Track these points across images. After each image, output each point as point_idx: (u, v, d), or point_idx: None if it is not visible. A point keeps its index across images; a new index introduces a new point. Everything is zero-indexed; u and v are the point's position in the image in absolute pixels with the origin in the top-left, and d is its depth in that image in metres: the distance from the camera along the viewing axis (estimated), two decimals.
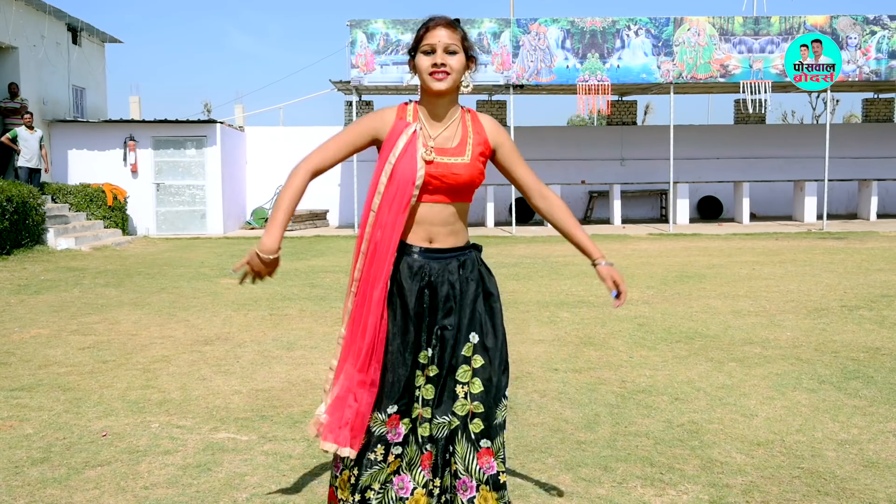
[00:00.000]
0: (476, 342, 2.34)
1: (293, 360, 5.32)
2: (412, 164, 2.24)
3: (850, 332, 6.01)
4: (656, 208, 20.96)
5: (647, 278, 9.14)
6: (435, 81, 2.24)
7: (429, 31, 2.24)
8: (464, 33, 2.30)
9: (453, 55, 2.24)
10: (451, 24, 2.26)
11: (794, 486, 3.13)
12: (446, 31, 2.23)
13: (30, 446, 3.67)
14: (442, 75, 2.23)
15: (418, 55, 2.27)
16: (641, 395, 4.40)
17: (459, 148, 2.31)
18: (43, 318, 6.99)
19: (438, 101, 2.31)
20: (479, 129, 2.36)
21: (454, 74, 2.24)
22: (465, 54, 2.28)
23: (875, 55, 16.28)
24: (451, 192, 2.31)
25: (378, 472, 2.32)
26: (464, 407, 2.32)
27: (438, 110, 2.31)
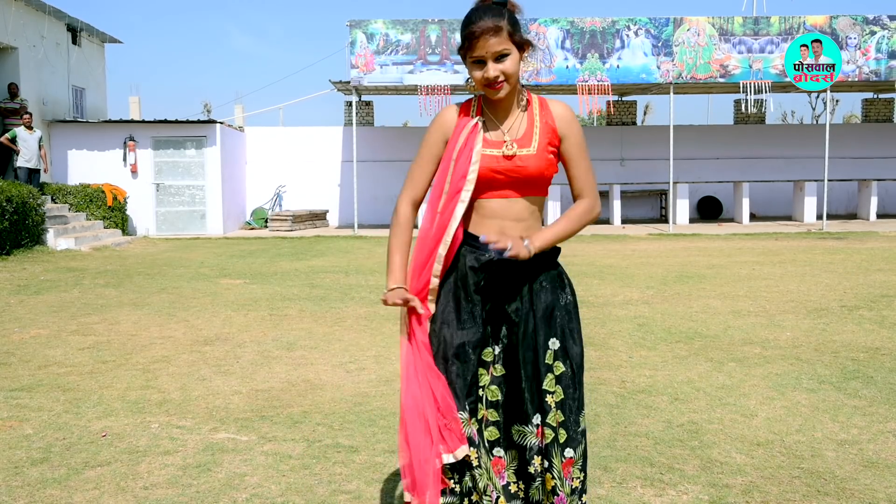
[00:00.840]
0: (556, 348, 2.23)
1: (293, 361, 5.31)
2: (468, 158, 2.17)
3: (849, 332, 6.01)
4: (656, 208, 20.96)
5: (647, 278, 9.14)
6: (493, 92, 2.15)
7: (475, 42, 2.08)
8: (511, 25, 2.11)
9: (505, 58, 2.10)
10: (494, 27, 2.07)
11: (793, 487, 3.12)
12: (493, 38, 2.07)
13: (29, 447, 3.67)
14: (498, 86, 2.14)
15: (470, 65, 2.15)
16: (641, 395, 4.40)
17: (525, 139, 2.19)
18: (43, 319, 6.99)
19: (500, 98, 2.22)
20: (547, 118, 2.24)
21: (511, 78, 2.14)
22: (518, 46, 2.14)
23: (875, 55, 16.28)
24: (519, 185, 2.20)
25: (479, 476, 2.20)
26: (554, 417, 2.22)
27: (503, 104, 2.22)
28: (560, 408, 2.22)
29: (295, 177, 20.11)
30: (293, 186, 20.13)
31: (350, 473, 3.32)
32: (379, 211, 19.34)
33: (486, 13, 2.09)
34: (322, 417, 4.05)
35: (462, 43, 2.14)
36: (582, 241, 14.62)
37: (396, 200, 2.25)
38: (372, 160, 19.23)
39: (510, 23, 2.11)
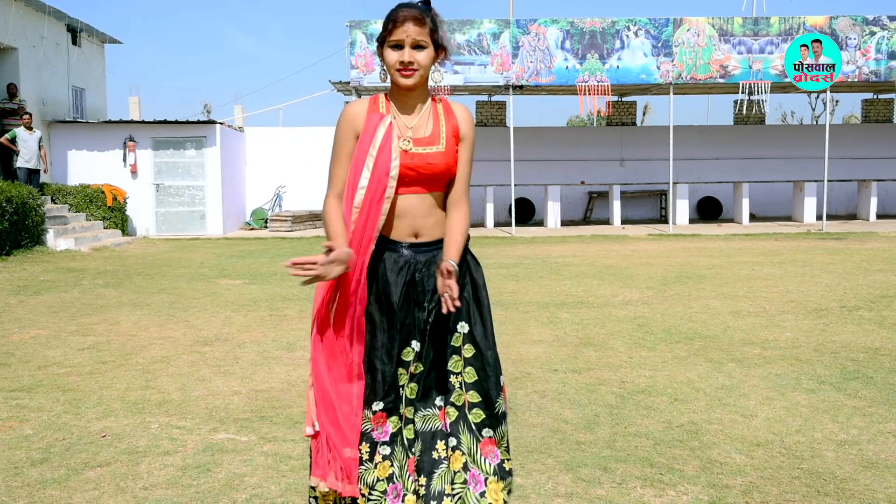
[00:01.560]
0: (465, 332, 2.31)
1: (293, 361, 5.31)
2: (388, 155, 2.22)
3: (849, 332, 6.01)
4: (656, 209, 20.96)
5: (647, 279, 9.14)
6: (402, 78, 2.21)
7: (397, 26, 2.18)
8: (434, 23, 2.22)
9: (421, 50, 2.19)
10: (419, 17, 2.18)
11: (793, 487, 3.13)
12: (414, 27, 2.17)
13: (29, 447, 3.67)
14: (409, 72, 2.20)
15: (386, 49, 2.22)
16: (641, 395, 4.40)
17: (433, 137, 2.28)
18: (42, 319, 6.99)
19: (409, 94, 2.28)
20: (451, 118, 2.32)
21: (422, 70, 2.21)
22: (435, 46, 2.23)
23: (874, 56, 16.29)
24: (428, 181, 2.27)
25: (365, 472, 2.25)
26: (460, 397, 2.29)
27: (409, 101, 2.29)
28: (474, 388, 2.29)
29: (295, 177, 20.10)
30: (293, 187, 20.13)
31: None
32: None
33: (413, 6, 2.21)
34: None
35: (384, 27, 2.23)
36: (582, 241, 14.63)
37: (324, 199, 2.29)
38: None
39: (433, 22, 2.22)
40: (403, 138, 2.25)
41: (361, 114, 2.27)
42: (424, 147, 2.26)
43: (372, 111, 2.27)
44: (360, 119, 2.26)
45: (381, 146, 2.22)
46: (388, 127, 2.24)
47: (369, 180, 2.21)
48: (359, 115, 2.26)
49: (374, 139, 2.22)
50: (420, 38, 2.18)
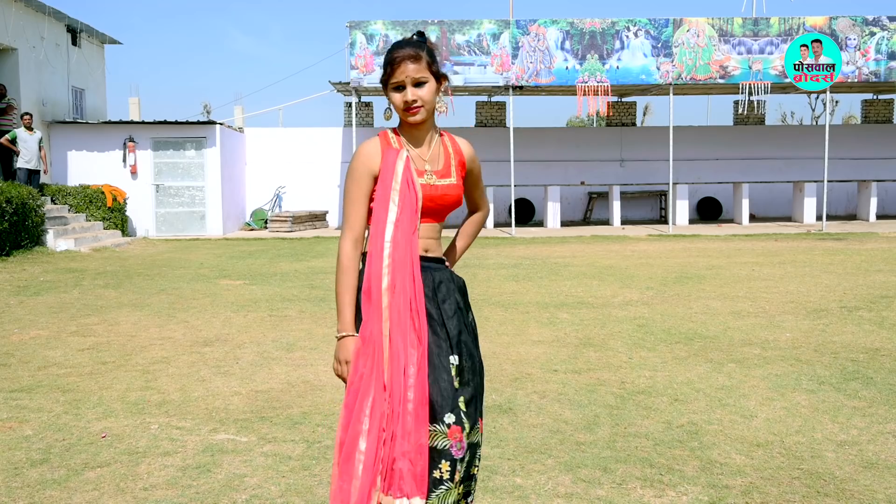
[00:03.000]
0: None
1: (293, 362, 5.31)
2: (412, 190, 2.26)
3: (849, 333, 6.01)
4: (656, 209, 20.96)
5: (647, 279, 9.14)
6: (410, 117, 2.26)
7: (395, 68, 2.23)
8: (430, 57, 2.27)
9: (423, 86, 2.24)
10: (414, 55, 2.23)
11: (793, 487, 3.13)
12: (412, 65, 2.22)
13: (29, 447, 3.67)
14: (415, 110, 2.25)
15: (390, 91, 2.27)
16: (641, 396, 4.40)
17: (445, 170, 2.34)
18: (42, 320, 6.99)
19: (418, 128, 2.32)
20: (457, 151, 2.40)
21: (427, 105, 2.26)
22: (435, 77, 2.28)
23: (874, 56, 16.29)
24: (441, 212, 2.34)
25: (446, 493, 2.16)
26: None
27: (419, 135, 2.33)
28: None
29: (294, 178, 20.11)
30: (293, 187, 20.14)
31: None
32: None
33: (408, 44, 2.26)
34: (322, 418, 4.05)
35: (384, 70, 2.28)
36: (582, 241, 14.63)
37: (339, 242, 2.28)
38: None
39: (429, 55, 2.27)
40: (426, 172, 2.30)
41: (376, 153, 2.28)
42: (440, 179, 2.33)
43: (385, 148, 2.30)
44: (375, 158, 2.27)
45: (403, 180, 2.26)
46: (406, 161, 2.27)
47: (398, 215, 2.24)
48: (374, 154, 2.28)
49: (394, 174, 2.25)
50: (419, 75, 2.23)
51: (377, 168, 2.27)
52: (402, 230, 2.24)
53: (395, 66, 2.23)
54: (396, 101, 2.25)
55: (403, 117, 2.28)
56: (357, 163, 2.28)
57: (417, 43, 2.27)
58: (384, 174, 2.26)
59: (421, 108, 2.24)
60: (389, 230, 2.24)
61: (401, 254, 2.23)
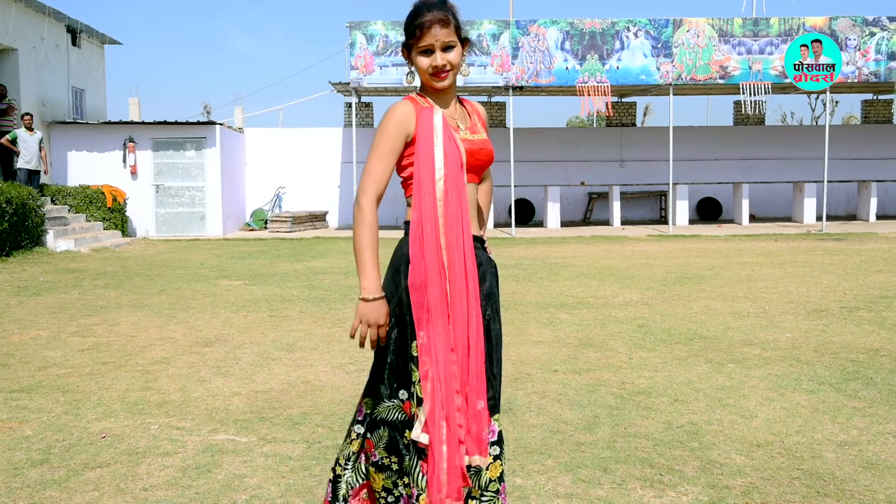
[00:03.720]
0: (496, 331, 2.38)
1: (293, 362, 5.31)
2: (455, 145, 2.23)
3: (849, 333, 6.00)
4: (656, 209, 20.96)
5: (647, 279, 9.14)
6: (438, 81, 2.23)
7: (425, 32, 2.18)
8: (456, 20, 2.24)
9: (451, 50, 2.21)
10: (444, 18, 2.19)
11: (793, 488, 3.12)
12: (442, 29, 2.18)
13: (29, 448, 3.67)
14: (445, 74, 2.22)
15: (416, 55, 2.22)
16: (641, 396, 4.40)
17: (474, 126, 2.34)
18: (42, 320, 6.98)
19: (443, 92, 2.29)
20: (476, 111, 2.41)
21: (455, 69, 2.24)
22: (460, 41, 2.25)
23: (874, 56, 16.29)
24: (479, 169, 2.32)
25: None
26: None
27: (445, 97, 2.30)
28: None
29: (294, 178, 20.11)
30: (293, 188, 20.13)
31: None
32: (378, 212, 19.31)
33: (434, 7, 2.20)
34: (322, 419, 4.05)
35: (410, 34, 2.22)
36: (582, 242, 14.62)
37: (358, 197, 2.21)
38: None
39: (456, 21, 2.23)
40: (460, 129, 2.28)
41: (411, 113, 2.23)
42: (474, 135, 2.31)
43: (419, 109, 2.26)
44: (411, 119, 2.23)
45: (445, 136, 2.22)
46: (444, 117, 2.25)
47: (444, 171, 2.20)
48: (409, 115, 2.23)
49: (434, 131, 2.22)
50: (448, 39, 2.19)
51: (412, 129, 2.22)
52: (452, 187, 2.20)
53: (425, 29, 2.17)
54: (424, 65, 2.21)
55: (430, 81, 2.23)
56: (390, 121, 2.21)
57: (442, 5, 2.22)
58: (423, 132, 2.21)
59: (450, 73, 2.22)
60: (440, 187, 2.19)
61: (453, 210, 2.19)
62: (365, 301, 2.16)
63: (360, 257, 2.18)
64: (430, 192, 2.19)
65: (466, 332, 2.19)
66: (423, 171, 2.20)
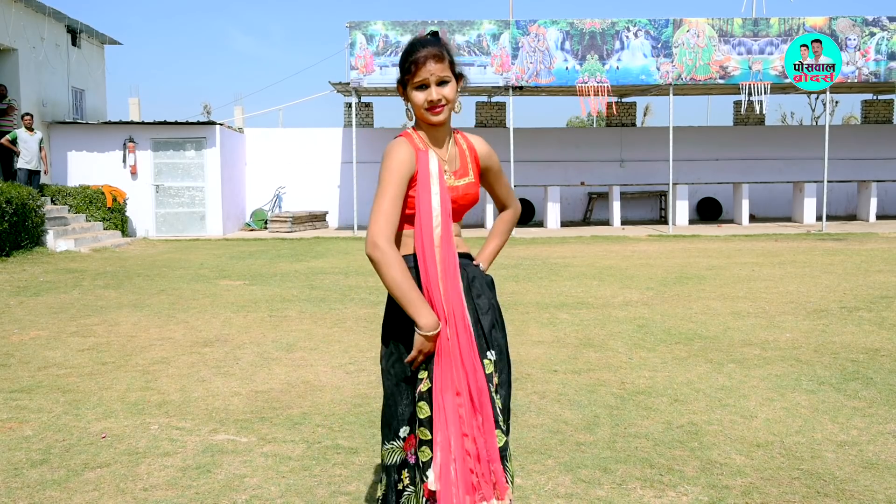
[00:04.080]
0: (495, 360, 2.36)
1: (293, 362, 5.31)
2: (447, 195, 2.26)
3: (849, 333, 6.00)
4: (655, 210, 20.96)
5: (647, 280, 9.14)
6: (433, 116, 2.24)
7: (419, 67, 2.20)
8: (450, 55, 2.25)
9: (445, 85, 2.22)
10: (438, 54, 2.21)
11: (793, 488, 3.12)
12: (437, 64, 2.20)
13: (29, 448, 3.67)
14: (439, 109, 2.23)
15: (411, 90, 2.24)
16: (641, 396, 4.40)
17: (463, 169, 2.34)
18: (42, 320, 6.98)
19: (438, 128, 2.30)
20: (471, 148, 2.39)
21: (449, 104, 2.25)
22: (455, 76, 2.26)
23: (874, 56, 16.29)
24: (460, 212, 2.34)
25: None
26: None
27: (439, 135, 2.31)
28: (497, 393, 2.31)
29: (294, 178, 20.10)
30: (293, 188, 20.13)
31: (350, 475, 3.32)
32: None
33: (427, 43, 2.24)
34: (322, 419, 4.05)
35: (406, 70, 2.24)
36: (582, 242, 14.63)
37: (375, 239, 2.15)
38: (371, 161, 19.20)
39: (450, 56, 2.26)
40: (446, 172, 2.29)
41: (412, 155, 2.25)
42: (459, 179, 2.32)
43: (417, 149, 2.27)
44: (412, 161, 2.24)
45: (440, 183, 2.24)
46: (438, 163, 2.26)
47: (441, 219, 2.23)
48: (411, 156, 2.24)
49: (431, 177, 2.24)
50: (443, 74, 2.21)
51: (415, 170, 2.23)
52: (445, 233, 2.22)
53: (420, 65, 2.19)
54: (419, 100, 2.22)
55: (425, 117, 2.25)
56: (397, 163, 2.21)
57: (435, 41, 2.25)
58: (422, 177, 2.23)
59: (444, 108, 2.23)
60: (437, 234, 2.21)
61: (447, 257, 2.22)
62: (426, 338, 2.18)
63: (405, 297, 2.15)
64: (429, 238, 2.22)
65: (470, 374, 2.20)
66: (422, 216, 2.23)
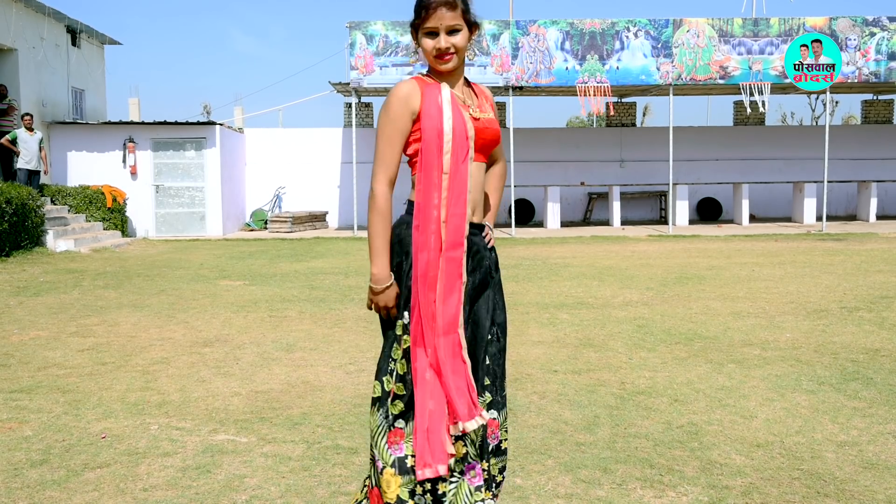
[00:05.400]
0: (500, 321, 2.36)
1: (293, 362, 5.30)
2: (462, 120, 2.22)
3: (849, 333, 6.00)
4: (655, 210, 20.95)
5: (647, 280, 9.13)
6: (443, 64, 2.22)
7: (430, 13, 2.17)
8: (465, 3, 2.22)
9: (456, 34, 2.20)
10: (451, 1, 2.18)
11: (793, 488, 3.12)
12: (448, 12, 2.17)
13: (29, 448, 3.66)
14: (448, 57, 2.21)
15: (422, 36, 2.22)
16: (641, 396, 4.39)
17: (481, 105, 2.33)
18: (42, 320, 6.98)
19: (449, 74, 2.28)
20: (484, 93, 2.41)
21: (459, 53, 2.22)
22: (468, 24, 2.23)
23: (874, 56, 16.28)
24: (486, 148, 2.31)
25: None
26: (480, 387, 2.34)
27: (451, 80, 2.29)
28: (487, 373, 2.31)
29: (294, 178, 20.09)
30: (293, 188, 20.12)
31: (350, 475, 3.31)
32: None
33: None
34: (322, 419, 4.04)
35: (417, 14, 2.21)
36: (582, 242, 14.62)
37: (372, 183, 2.21)
38: (371, 161, 19.18)
39: (463, 2, 2.22)
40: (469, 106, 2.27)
41: (415, 91, 2.22)
42: (482, 113, 2.30)
43: (424, 86, 2.24)
44: (414, 96, 2.21)
45: (453, 111, 2.21)
46: (451, 94, 2.24)
47: (452, 144, 2.19)
48: (412, 92, 2.21)
49: (441, 105, 2.20)
50: (454, 22, 2.18)
51: (417, 107, 2.20)
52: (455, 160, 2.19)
53: (431, 10, 2.16)
54: (428, 47, 2.20)
55: (434, 64, 2.23)
56: (394, 100, 2.20)
57: None
58: (428, 108, 2.20)
59: (453, 56, 2.20)
60: (447, 160, 2.18)
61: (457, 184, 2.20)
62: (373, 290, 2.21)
63: (372, 244, 2.20)
64: (438, 166, 2.19)
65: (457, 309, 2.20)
66: (429, 145, 2.19)
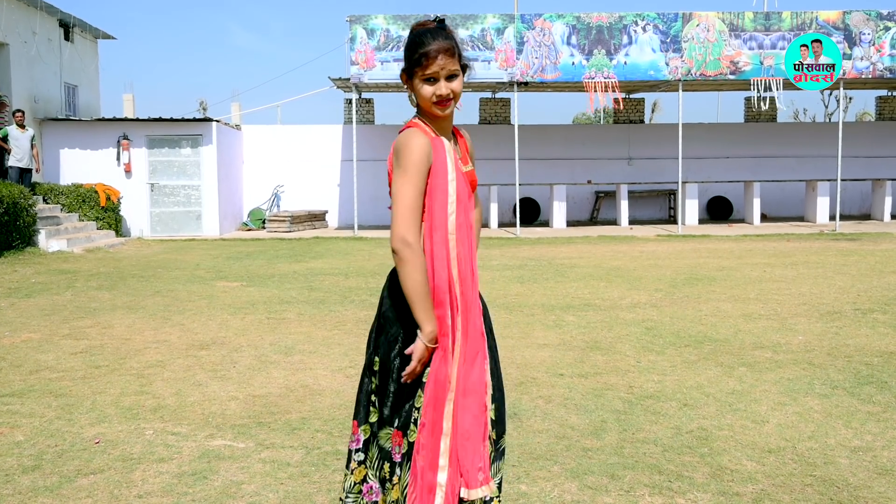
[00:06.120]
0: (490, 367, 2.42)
1: (291, 365, 5.26)
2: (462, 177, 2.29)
3: (863, 335, 5.94)
4: (664, 209, 20.87)
5: (656, 281, 9.08)
6: (442, 110, 2.25)
7: (430, 61, 2.20)
8: (458, 48, 2.26)
9: (454, 79, 2.24)
10: (449, 48, 2.22)
11: (806, 495, 3.09)
12: (447, 58, 2.21)
13: (21, 454, 3.64)
14: (448, 103, 2.25)
15: (419, 82, 2.23)
16: (649, 400, 4.35)
17: (464, 157, 2.38)
18: (34, 323, 6.93)
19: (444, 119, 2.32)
20: (463, 139, 2.43)
21: (457, 98, 2.27)
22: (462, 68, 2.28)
23: (889, 51, 16.10)
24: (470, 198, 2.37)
25: None
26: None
27: (444, 125, 2.33)
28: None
29: (293, 176, 20.01)
30: (291, 186, 20.04)
31: None
32: (379, 211, 19.28)
33: (438, 35, 2.23)
34: (321, 424, 4.01)
35: (414, 62, 2.24)
36: (588, 242, 14.58)
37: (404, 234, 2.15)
38: (372, 159, 19.11)
39: (458, 49, 2.27)
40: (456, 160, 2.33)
41: (430, 144, 2.25)
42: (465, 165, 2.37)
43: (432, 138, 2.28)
44: (430, 150, 2.25)
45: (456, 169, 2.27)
46: (453, 150, 2.30)
47: (456, 206, 2.24)
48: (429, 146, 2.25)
49: (447, 165, 2.25)
50: (453, 68, 2.23)
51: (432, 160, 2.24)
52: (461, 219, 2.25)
53: (431, 59, 2.20)
54: (427, 93, 2.22)
55: (432, 110, 2.25)
56: (419, 154, 2.20)
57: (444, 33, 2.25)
58: (438, 166, 2.24)
59: (452, 101, 2.25)
60: (452, 221, 2.22)
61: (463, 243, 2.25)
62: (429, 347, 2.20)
63: (422, 302, 2.16)
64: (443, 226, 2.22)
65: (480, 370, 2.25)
66: (436, 204, 2.22)
